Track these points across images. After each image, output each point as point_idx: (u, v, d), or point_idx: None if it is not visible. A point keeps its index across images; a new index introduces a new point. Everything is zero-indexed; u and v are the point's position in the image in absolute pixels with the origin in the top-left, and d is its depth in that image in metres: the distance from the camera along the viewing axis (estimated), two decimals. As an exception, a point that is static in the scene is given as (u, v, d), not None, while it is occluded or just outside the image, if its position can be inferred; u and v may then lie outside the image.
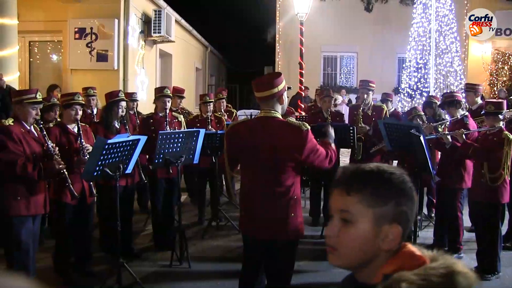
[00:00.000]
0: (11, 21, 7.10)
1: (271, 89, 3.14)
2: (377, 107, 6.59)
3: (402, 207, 1.24)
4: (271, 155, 3.12)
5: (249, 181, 3.27)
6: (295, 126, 3.12)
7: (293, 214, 3.17)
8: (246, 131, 3.27)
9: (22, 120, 4.04)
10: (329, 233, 1.29)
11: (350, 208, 1.24)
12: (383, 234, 1.23)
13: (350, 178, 1.26)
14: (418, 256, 1.23)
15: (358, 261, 1.27)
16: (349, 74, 17.37)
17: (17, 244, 3.96)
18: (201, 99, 6.84)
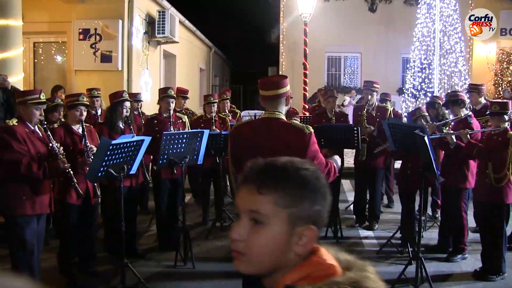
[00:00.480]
0: (16, 22, 7.12)
1: (278, 89, 3.14)
2: (381, 108, 6.58)
3: (317, 206, 1.13)
4: (273, 156, 3.09)
5: None
6: (298, 128, 3.12)
7: None
8: (249, 132, 3.27)
9: (26, 120, 4.06)
10: (236, 236, 1.13)
11: (261, 208, 1.11)
12: (298, 236, 1.11)
13: (261, 174, 1.15)
14: (327, 265, 1.10)
15: (269, 267, 1.14)
16: (353, 74, 17.33)
17: (21, 244, 3.98)
18: (205, 100, 6.85)
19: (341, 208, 7.02)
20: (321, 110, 7.50)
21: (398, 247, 5.70)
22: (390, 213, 7.52)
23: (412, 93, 12.44)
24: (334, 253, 1.16)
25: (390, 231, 6.22)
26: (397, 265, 5.10)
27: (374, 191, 6.64)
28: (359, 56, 17.08)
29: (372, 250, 5.79)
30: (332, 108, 6.71)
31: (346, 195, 8.76)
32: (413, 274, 4.50)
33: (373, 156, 6.36)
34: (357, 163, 6.61)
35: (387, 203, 8.01)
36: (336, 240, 6.09)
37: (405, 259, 5.11)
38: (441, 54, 12.22)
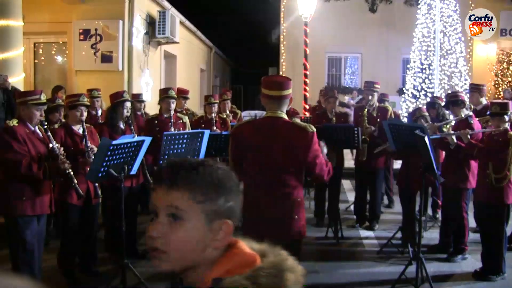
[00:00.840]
0: (16, 22, 7.13)
1: (282, 90, 3.17)
2: (382, 108, 6.59)
3: (231, 202, 1.20)
4: (276, 155, 3.13)
5: (253, 181, 3.23)
6: (301, 127, 3.14)
7: (297, 217, 3.16)
8: (251, 131, 3.27)
9: (26, 121, 4.07)
10: (154, 234, 1.16)
11: (179, 203, 1.15)
12: (215, 231, 1.17)
13: (177, 172, 1.17)
14: (248, 254, 1.17)
15: (189, 263, 1.19)
16: (354, 75, 17.33)
17: (22, 244, 3.98)
18: (206, 100, 6.86)
19: (341, 208, 7.03)
20: (321, 111, 7.50)
21: (398, 247, 5.70)
22: (390, 214, 7.52)
23: (412, 93, 12.44)
24: (247, 243, 1.23)
25: (391, 231, 6.22)
26: (398, 265, 5.10)
27: (374, 192, 6.64)
28: (360, 57, 17.08)
29: (373, 250, 5.79)
30: (332, 109, 6.71)
31: (347, 195, 8.76)
32: (414, 274, 4.49)
33: (373, 156, 6.36)
34: (358, 164, 6.61)
35: (387, 203, 8.01)
36: (337, 241, 6.09)
37: (405, 260, 5.11)
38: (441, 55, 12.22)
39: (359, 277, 4.99)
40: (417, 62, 12.52)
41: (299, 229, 3.21)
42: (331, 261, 5.50)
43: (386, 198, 8.06)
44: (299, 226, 3.20)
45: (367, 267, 5.27)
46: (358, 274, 5.07)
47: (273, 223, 3.12)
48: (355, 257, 5.65)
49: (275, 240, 3.17)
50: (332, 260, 5.53)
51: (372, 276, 4.99)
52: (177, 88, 7.61)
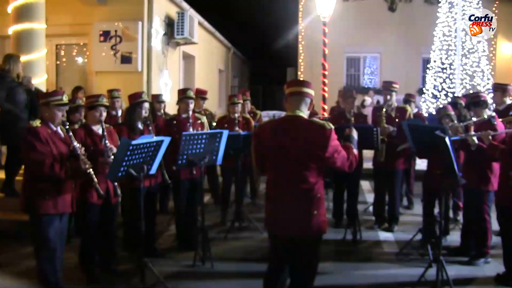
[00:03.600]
0: (40, 25, 7.26)
1: (303, 87, 3.33)
2: (401, 108, 6.51)
3: None
4: (296, 153, 3.21)
5: (275, 179, 3.34)
6: (319, 124, 3.21)
7: (316, 212, 3.22)
8: (272, 130, 3.35)
9: (49, 121, 4.13)
10: None
11: None
12: None
13: None
14: None
15: None
16: (373, 75, 17.21)
17: (45, 242, 4.05)
18: (229, 100, 6.87)
19: (360, 209, 6.98)
20: (340, 111, 7.46)
21: (418, 249, 5.63)
22: (410, 215, 7.45)
23: (432, 93, 12.29)
24: None
25: (410, 233, 6.15)
26: (417, 268, 5.03)
27: (393, 193, 6.58)
28: (379, 57, 16.95)
29: (392, 252, 5.74)
30: (351, 109, 6.66)
31: (365, 196, 8.70)
32: (434, 277, 4.44)
33: (392, 157, 6.30)
34: (376, 164, 6.56)
35: (407, 205, 7.93)
36: (355, 242, 6.05)
37: (425, 262, 5.05)
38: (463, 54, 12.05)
39: (377, 279, 4.95)
40: (437, 61, 12.37)
41: (319, 225, 3.25)
42: (349, 262, 5.46)
43: (405, 200, 7.98)
44: (319, 222, 3.25)
45: (386, 269, 5.22)
46: (377, 276, 5.03)
47: (293, 219, 3.21)
48: (374, 258, 5.59)
49: (295, 236, 3.26)
50: (350, 261, 5.49)
51: (390, 278, 4.94)
52: (195, 89, 7.65)
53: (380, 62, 16.93)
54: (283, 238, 3.31)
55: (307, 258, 3.31)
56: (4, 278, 4.87)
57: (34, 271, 4.24)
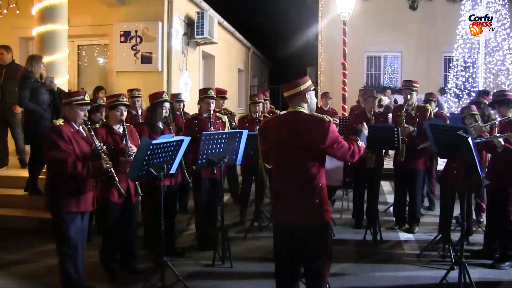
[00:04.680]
0: (62, 26, 7.36)
1: (295, 87, 3.42)
2: (421, 108, 6.42)
3: None
4: (297, 145, 3.35)
5: (279, 171, 3.48)
6: (318, 117, 3.36)
7: (318, 200, 3.33)
8: (275, 125, 3.53)
9: (71, 120, 4.18)
10: None
11: None
12: None
13: None
14: None
15: None
16: (393, 74, 17.04)
17: (67, 240, 4.10)
18: (251, 100, 6.87)
19: (380, 210, 6.92)
20: (360, 111, 7.39)
21: (439, 251, 5.55)
22: (431, 216, 7.34)
23: (454, 93, 12.10)
24: None
25: (431, 234, 6.07)
26: (439, 270, 4.97)
27: (414, 193, 6.49)
28: (399, 56, 16.78)
29: (412, 254, 5.66)
30: (371, 109, 6.60)
31: (386, 197, 8.62)
32: (456, 280, 4.37)
33: (412, 157, 6.22)
34: (397, 165, 6.48)
35: (428, 205, 7.82)
36: (375, 243, 5.99)
37: (447, 264, 4.97)
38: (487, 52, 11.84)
39: (398, 280, 4.88)
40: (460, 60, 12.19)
41: (321, 213, 3.35)
42: (369, 263, 5.41)
43: (427, 200, 7.88)
44: (321, 210, 3.35)
45: (407, 270, 5.15)
46: (397, 277, 4.96)
47: (296, 208, 3.35)
48: (394, 260, 5.52)
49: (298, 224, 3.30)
50: (370, 262, 5.44)
51: (411, 280, 4.88)
52: (215, 88, 7.66)
53: (401, 61, 16.76)
54: (289, 227, 3.40)
55: (315, 245, 3.36)
56: (27, 275, 4.96)
57: (56, 268, 4.30)
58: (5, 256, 5.52)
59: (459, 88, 12.03)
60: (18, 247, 5.83)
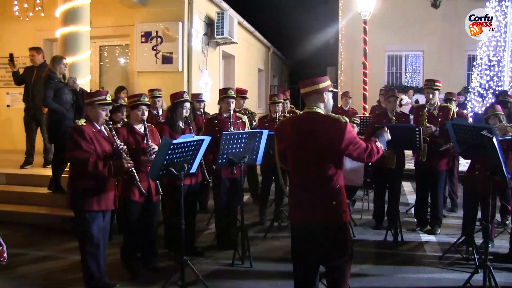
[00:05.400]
0: (84, 28, 7.47)
1: (312, 85, 3.39)
2: (444, 108, 6.32)
3: None
4: (313, 146, 3.32)
5: (295, 172, 3.47)
6: (334, 118, 3.32)
7: (335, 202, 3.30)
8: (291, 125, 3.51)
9: (93, 120, 4.23)
10: None
11: None
12: None
13: None
14: None
15: None
16: (415, 73, 16.84)
17: (89, 238, 4.16)
18: (270, 100, 6.86)
19: (401, 211, 6.84)
20: (381, 110, 7.32)
21: (463, 253, 5.46)
22: (454, 218, 7.23)
23: (478, 92, 11.89)
24: None
25: (454, 236, 5.98)
26: (462, 273, 4.89)
27: (436, 194, 6.40)
28: (421, 55, 16.57)
29: (434, 256, 5.58)
30: (392, 108, 6.53)
31: (407, 197, 8.52)
32: (480, 283, 4.29)
33: (434, 157, 6.13)
34: (418, 165, 6.39)
35: (451, 207, 7.71)
36: (396, 244, 5.93)
37: (470, 267, 4.89)
38: (513, 50, 11.59)
39: (419, 282, 4.82)
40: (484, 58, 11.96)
41: (339, 214, 3.33)
42: (390, 264, 5.34)
43: (449, 202, 7.77)
44: (339, 212, 3.32)
45: (428, 272, 5.08)
46: (418, 279, 4.90)
47: (314, 209, 3.33)
48: (415, 261, 5.45)
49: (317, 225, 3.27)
50: (391, 264, 5.38)
51: (433, 282, 4.81)
52: (235, 88, 7.67)
53: (423, 60, 16.54)
54: (305, 227, 3.39)
55: (333, 246, 3.33)
56: (52, 271, 5.04)
57: (80, 265, 4.36)
58: (31, 252, 5.64)
59: (483, 87, 11.81)
60: (43, 244, 5.95)
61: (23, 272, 5.03)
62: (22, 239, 6.14)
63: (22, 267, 5.17)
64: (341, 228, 3.37)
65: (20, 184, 7.61)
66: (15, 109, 10.11)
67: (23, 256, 5.49)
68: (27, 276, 4.93)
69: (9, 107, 10.64)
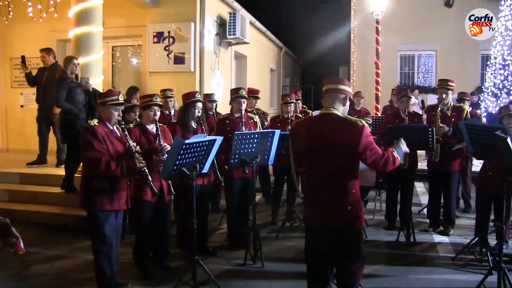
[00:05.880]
0: (97, 28, 7.52)
1: (338, 84, 3.34)
2: (457, 108, 6.27)
3: None
4: (329, 149, 3.25)
5: (310, 175, 3.41)
6: (351, 121, 3.24)
7: (350, 207, 3.24)
8: (307, 127, 3.43)
9: (105, 120, 4.26)
10: None
11: None
12: None
13: None
14: None
15: None
16: (428, 73, 16.71)
17: (101, 238, 4.19)
18: (282, 100, 6.85)
19: (414, 211, 6.79)
20: (393, 110, 7.27)
21: (476, 254, 5.40)
22: (467, 218, 7.17)
23: (492, 92, 11.75)
24: None
25: (467, 237, 5.93)
26: (475, 274, 4.85)
27: (448, 195, 6.34)
28: (434, 54, 16.44)
29: (447, 256, 5.53)
30: (405, 108, 6.49)
31: (420, 198, 8.46)
32: (494, 285, 4.24)
33: (448, 157, 6.08)
34: (431, 165, 6.35)
35: (464, 207, 7.64)
36: (408, 245, 5.89)
37: (484, 269, 4.84)
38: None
39: (432, 283, 4.78)
40: (498, 58, 11.81)
41: (354, 219, 3.27)
42: (402, 265, 5.31)
43: (462, 202, 7.69)
44: (355, 216, 3.27)
45: (441, 273, 5.04)
46: (431, 280, 4.86)
47: (328, 213, 3.27)
48: (428, 262, 5.41)
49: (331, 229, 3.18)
50: (403, 264, 5.34)
51: (446, 284, 4.77)
52: (247, 88, 7.67)
53: (436, 59, 16.40)
54: (319, 230, 3.34)
55: (347, 250, 3.29)
56: (65, 270, 5.09)
57: (91, 264, 4.40)
58: (44, 251, 5.70)
59: (497, 87, 11.67)
60: (56, 242, 6.01)
61: (36, 271, 5.09)
62: (35, 238, 6.21)
63: (35, 266, 5.24)
64: (355, 233, 3.31)
65: (33, 183, 7.69)
66: (28, 109, 10.22)
67: (36, 255, 5.55)
68: (40, 275, 4.99)
69: (23, 107, 10.76)
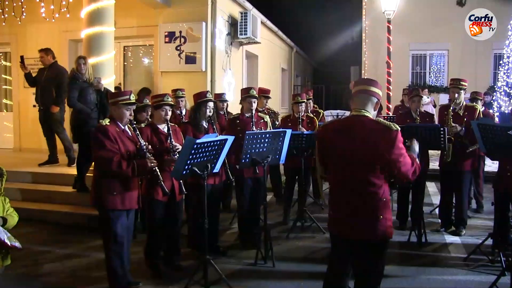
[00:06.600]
0: (109, 28, 7.58)
1: (371, 86, 3.20)
2: (470, 107, 6.21)
3: None
4: (360, 154, 3.08)
5: (339, 180, 3.24)
6: (385, 125, 3.05)
7: (382, 216, 3.08)
8: (336, 130, 3.26)
9: (117, 120, 4.28)
10: None
11: None
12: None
13: None
14: None
15: None
16: (439, 72, 16.57)
17: (113, 237, 4.21)
18: (293, 99, 6.85)
19: (425, 211, 6.75)
20: (405, 110, 7.23)
21: (488, 255, 5.35)
22: (479, 219, 7.11)
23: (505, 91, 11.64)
24: None
25: (479, 237, 5.87)
26: (487, 275, 4.80)
27: (460, 195, 6.29)
28: (446, 54, 16.29)
29: (459, 257, 5.49)
30: (416, 108, 6.45)
31: (431, 198, 8.40)
32: (507, 286, 4.20)
33: (460, 157, 6.03)
34: (443, 165, 6.30)
35: (476, 208, 7.58)
36: (420, 245, 5.86)
37: (496, 270, 4.80)
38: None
39: (443, 284, 4.75)
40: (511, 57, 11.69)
41: (385, 230, 3.11)
42: (414, 266, 5.28)
43: (474, 202, 7.63)
44: (386, 227, 3.11)
45: (453, 274, 5.00)
46: (443, 281, 4.83)
47: (358, 222, 3.11)
48: (440, 263, 5.37)
49: (358, 239, 3.10)
50: (415, 265, 5.31)
51: (458, 284, 4.74)
52: (258, 88, 7.68)
53: (448, 59, 16.27)
54: (346, 240, 3.20)
55: (371, 262, 3.17)
56: (77, 269, 5.14)
57: (103, 263, 4.43)
58: (57, 250, 5.75)
59: (510, 87, 11.56)
60: (67, 242, 6.06)
61: (48, 270, 5.14)
62: (47, 237, 6.27)
63: (47, 264, 5.29)
64: (384, 244, 3.17)
65: (45, 183, 7.77)
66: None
67: (48, 254, 5.61)
68: (52, 273, 5.04)
69: (35, 107, 10.86)
